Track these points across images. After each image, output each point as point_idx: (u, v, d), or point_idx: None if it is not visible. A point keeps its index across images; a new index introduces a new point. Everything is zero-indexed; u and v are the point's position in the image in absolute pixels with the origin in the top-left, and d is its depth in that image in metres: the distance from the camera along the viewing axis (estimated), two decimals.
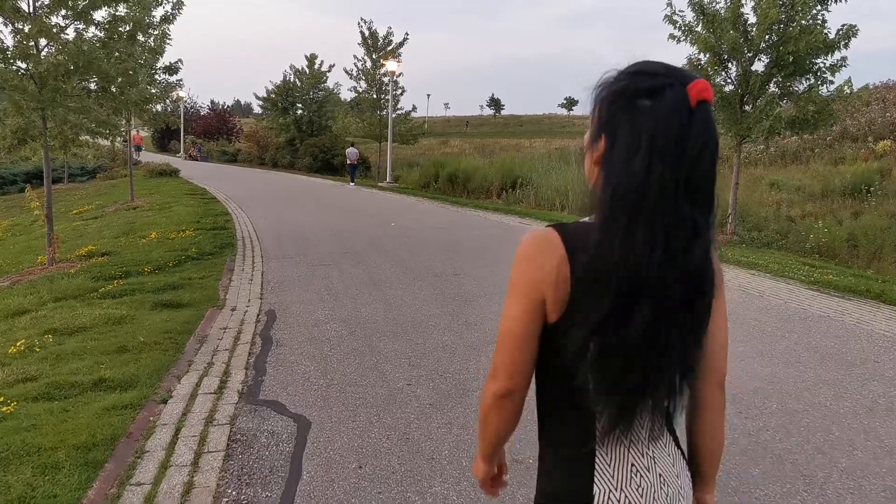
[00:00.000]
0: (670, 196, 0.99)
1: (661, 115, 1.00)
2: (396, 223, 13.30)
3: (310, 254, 9.42)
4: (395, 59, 27.16)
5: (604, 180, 1.04)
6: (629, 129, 1.02)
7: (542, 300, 1.08)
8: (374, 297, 6.66)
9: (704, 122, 1.02)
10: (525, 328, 1.10)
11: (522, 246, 1.11)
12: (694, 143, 1.00)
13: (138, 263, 8.30)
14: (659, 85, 1.02)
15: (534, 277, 1.09)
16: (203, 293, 6.74)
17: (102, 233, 12.32)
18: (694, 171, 1.01)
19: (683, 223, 1.01)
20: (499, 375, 1.14)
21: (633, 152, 1.00)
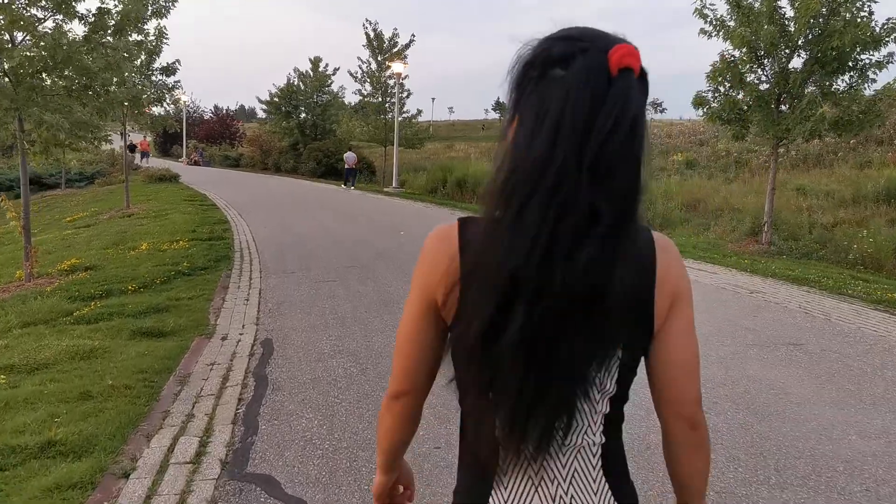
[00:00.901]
0: (570, 180, 0.83)
1: (570, 84, 0.84)
2: (405, 232, 12.45)
3: (313, 268, 8.57)
4: (402, 61, 26.36)
5: (502, 165, 0.87)
6: (536, 104, 0.85)
7: (433, 301, 0.99)
8: (385, 323, 5.80)
9: (624, 92, 0.84)
10: (415, 329, 1.02)
11: (425, 242, 1.02)
12: (605, 116, 0.82)
13: (122, 280, 7.46)
14: (572, 50, 0.85)
15: (426, 276, 1.00)
16: (191, 318, 5.89)
17: (91, 243, 11.49)
18: (603, 150, 0.82)
19: (577, 211, 0.83)
20: (393, 379, 1.07)
21: (537, 130, 0.84)
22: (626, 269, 0.87)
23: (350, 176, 25.74)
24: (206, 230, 12.07)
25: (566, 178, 0.83)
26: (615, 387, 0.97)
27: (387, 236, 11.79)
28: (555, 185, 0.83)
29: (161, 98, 18.03)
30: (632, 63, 0.85)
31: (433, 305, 0.99)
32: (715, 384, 4.35)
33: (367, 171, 30.78)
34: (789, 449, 3.44)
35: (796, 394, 4.25)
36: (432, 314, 1.00)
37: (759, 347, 5.25)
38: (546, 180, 0.83)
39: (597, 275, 0.85)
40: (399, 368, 1.05)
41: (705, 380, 4.39)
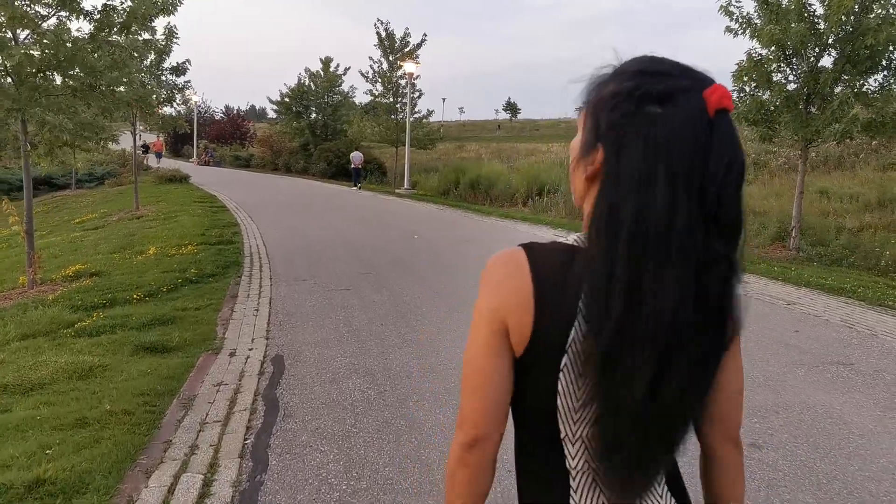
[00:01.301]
0: (698, 229, 0.82)
1: (676, 126, 0.82)
2: (419, 235, 12.11)
3: (325, 275, 8.24)
4: (413, 61, 26.03)
5: (606, 204, 0.85)
6: (638, 144, 0.83)
7: (504, 328, 0.93)
8: (403, 337, 5.45)
9: (729, 135, 0.83)
10: (487, 362, 0.94)
11: (486, 268, 0.97)
12: (718, 162, 0.81)
13: (128, 288, 7.17)
14: (673, 88, 0.84)
15: (494, 303, 0.93)
16: (197, 331, 5.57)
17: (98, 247, 11.23)
18: (721, 199, 0.82)
19: (716, 263, 0.84)
20: (463, 422, 0.96)
21: (648, 175, 0.82)
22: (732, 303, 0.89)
23: (357, 176, 25.73)
24: (215, 234, 11.78)
25: (698, 229, 0.82)
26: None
27: (400, 240, 11.46)
28: (688, 237, 0.81)
29: (171, 98, 17.82)
30: (728, 104, 0.83)
31: (504, 333, 0.93)
32: (767, 411, 3.97)
33: (378, 171, 30.48)
34: (861, 493, 3.07)
35: (857, 424, 3.87)
36: (504, 343, 0.94)
37: (807, 368, 4.86)
38: (678, 231, 0.81)
39: (729, 318, 0.88)
40: (473, 410, 0.95)
41: (757, 406, 4.02)
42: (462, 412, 0.96)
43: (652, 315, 0.82)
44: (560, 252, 0.92)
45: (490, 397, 0.94)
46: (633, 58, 0.91)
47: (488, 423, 0.94)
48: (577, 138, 0.95)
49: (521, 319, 0.91)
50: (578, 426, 0.92)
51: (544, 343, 0.90)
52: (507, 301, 0.92)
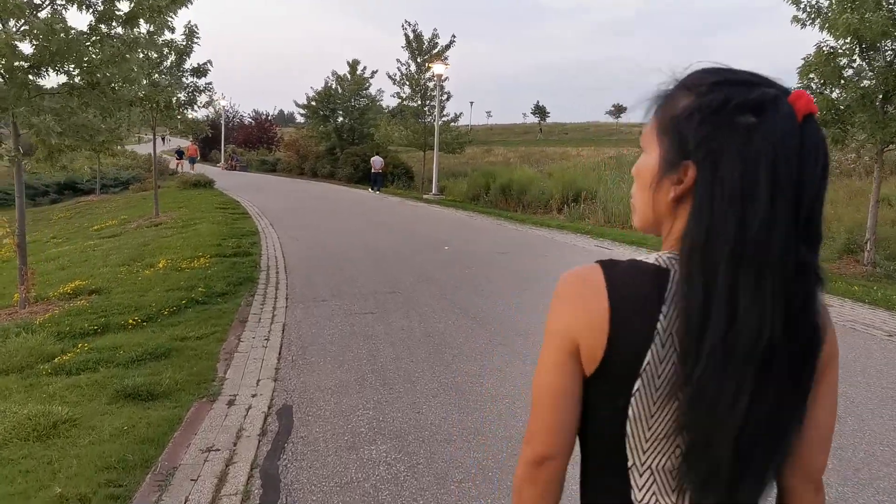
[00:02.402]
0: (792, 240, 0.80)
1: (777, 136, 0.79)
2: (450, 246, 11.19)
3: (347, 294, 7.35)
4: (442, 62, 25.16)
5: (704, 222, 0.81)
6: (735, 156, 0.80)
7: (576, 347, 0.90)
8: (438, 380, 4.51)
9: (821, 140, 0.82)
10: (557, 381, 0.91)
11: (560, 285, 0.93)
12: (811, 170, 0.80)
13: (125, 310, 6.35)
14: (764, 97, 0.80)
15: (567, 321, 0.90)
16: (194, 369, 4.69)
17: (108, 258, 10.51)
18: (814, 206, 0.81)
19: (806, 273, 0.82)
20: (532, 439, 0.94)
21: (752, 187, 0.79)
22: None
23: (377, 180, 25.25)
24: (231, 244, 10.99)
25: (792, 239, 0.80)
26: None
27: (429, 252, 10.54)
28: (785, 249, 0.80)
29: (192, 101, 17.18)
30: (815, 109, 0.81)
31: (575, 352, 0.90)
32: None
33: (405, 176, 29.67)
34: None
35: None
36: (575, 363, 0.90)
37: None
38: (776, 244, 0.80)
39: (817, 331, 0.85)
40: (543, 427, 0.92)
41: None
42: (531, 429, 0.94)
43: (747, 332, 0.80)
44: (640, 272, 0.88)
45: (559, 416, 0.92)
46: (697, 70, 0.88)
47: (557, 441, 0.92)
48: (647, 158, 0.91)
49: (594, 341, 0.88)
50: (648, 456, 0.88)
51: (617, 366, 0.87)
52: (580, 321, 0.89)
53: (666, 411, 0.86)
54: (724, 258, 0.80)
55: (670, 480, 0.88)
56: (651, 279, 0.87)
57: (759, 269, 0.79)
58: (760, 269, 0.79)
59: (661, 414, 0.86)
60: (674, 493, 0.89)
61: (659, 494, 0.89)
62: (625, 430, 0.88)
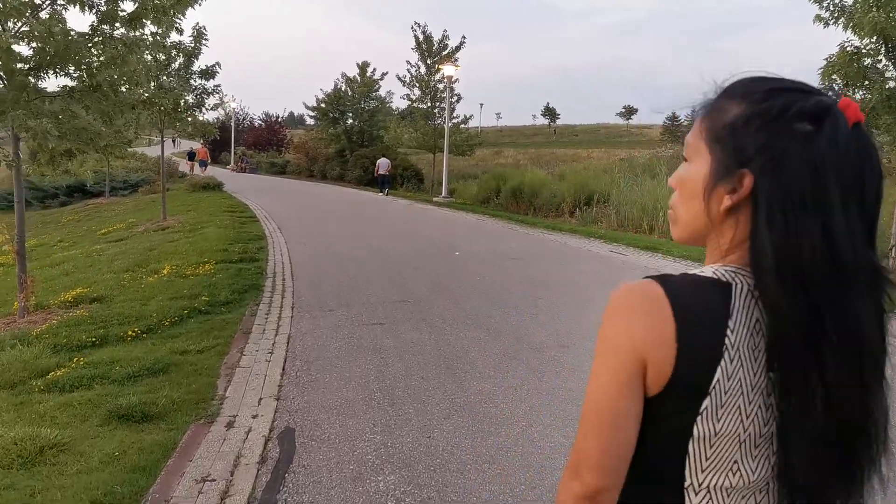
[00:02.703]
0: (868, 246, 0.81)
1: (839, 143, 0.79)
2: (461, 251, 10.93)
3: (355, 303, 7.10)
4: (453, 63, 24.93)
5: (777, 232, 0.79)
6: (799, 164, 0.79)
7: (642, 366, 0.84)
8: (451, 399, 4.25)
9: (872, 147, 0.81)
10: (618, 405, 0.84)
11: (617, 299, 0.86)
12: (871, 175, 0.80)
13: (126, 320, 6.14)
14: (821, 105, 0.80)
15: (633, 338, 0.84)
16: (193, 386, 4.45)
17: (113, 263, 10.33)
18: (875, 211, 0.82)
19: (882, 279, 0.82)
20: (583, 469, 0.85)
21: (822, 194, 0.78)
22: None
23: (384, 182, 25.30)
24: (238, 249, 10.79)
25: (868, 246, 0.80)
26: None
27: (440, 258, 10.29)
28: (864, 256, 0.80)
29: (201, 103, 17.02)
30: (862, 117, 0.81)
31: (641, 371, 0.84)
32: None
33: (414, 179, 29.44)
34: None
35: None
36: (639, 383, 0.85)
37: None
38: (858, 251, 0.79)
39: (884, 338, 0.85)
40: (600, 455, 0.85)
41: None
42: (582, 458, 0.86)
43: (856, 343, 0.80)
44: (700, 286, 0.85)
45: (621, 443, 0.85)
46: (744, 78, 0.87)
47: (615, 471, 0.85)
48: (694, 167, 0.89)
49: (663, 357, 0.83)
50: (707, 475, 0.85)
51: (685, 384, 0.83)
52: (648, 336, 0.83)
53: (732, 429, 0.83)
54: (816, 268, 0.78)
55: (725, 499, 0.86)
56: (713, 293, 0.84)
57: (852, 275, 0.79)
58: (852, 276, 0.79)
59: (726, 432, 0.84)
60: None
61: None
62: (686, 449, 0.85)
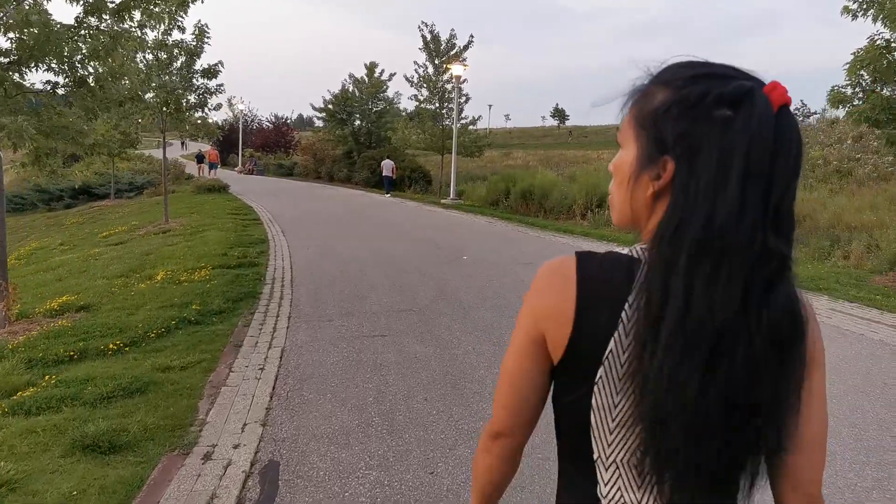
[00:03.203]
0: (759, 228, 0.80)
1: (753, 127, 0.79)
2: (469, 256, 10.47)
3: (357, 312, 6.66)
4: (461, 63, 24.48)
5: (677, 216, 0.82)
6: (713, 150, 0.80)
7: (541, 337, 0.92)
8: (457, 426, 3.79)
9: (796, 131, 0.82)
10: (519, 365, 0.95)
11: (538, 273, 0.95)
12: (785, 159, 0.80)
13: (109, 332, 5.72)
14: (741, 89, 0.81)
15: (535, 309, 0.93)
16: (171, 409, 4.02)
17: (108, 268, 9.94)
18: (785, 195, 0.81)
19: (770, 259, 0.81)
20: (493, 416, 1.00)
21: (724, 179, 0.80)
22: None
23: (388, 184, 25.22)
24: (237, 253, 10.38)
25: (759, 228, 0.80)
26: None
27: (447, 263, 9.83)
28: (750, 237, 0.80)
29: (203, 103, 16.65)
30: (789, 99, 0.82)
31: (541, 341, 0.92)
32: None
33: (422, 181, 29.00)
34: None
35: None
36: (539, 350, 0.93)
37: None
38: (742, 232, 0.80)
39: (791, 318, 0.84)
40: (500, 406, 0.98)
41: None
42: (494, 405, 0.99)
43: (700, 316, 0.80)
44: (614, 262, 0.89)
45: (517, 400, 0.95)
46: (672, 64, 0.87)
47: (513, 422, 0.97)
48: (625, 154, 0.90)
49: (559, 329, 0.89)
50: (613, 448, 0.88)
51: (582, 354, 0.88)
52: (548, 308, 0.90)
53: (628, 401, 0.85)
54: (687, 245, 0.80)
55: (636, 476, 0.87)
56: (623, 269, 0.87)
57: (719, 255, 0.80)
58: (720, 256, 0.80)
59: (624, 403, 0.85)
60: (639, 489, 0.88)
61: (624, 490, 0.89)
62: (589, 420, 0.88)
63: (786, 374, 0.84)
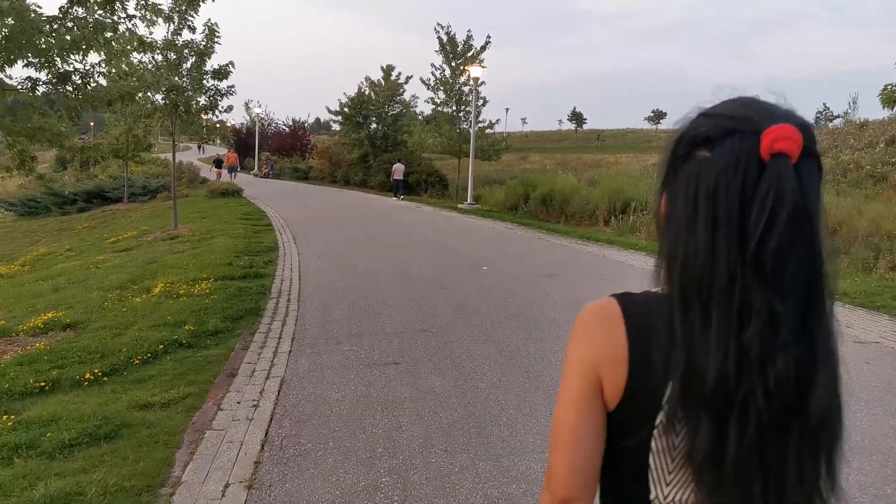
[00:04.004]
0: (739, 278, 0.77)
1: (718, 170, 0.79)
2: (489, 265, 9.78)
3: (367, 333, 6.00)
4: (479, 65, 23.80)
5: (662, 247, 0.86)
6: (685, 187, 0.82)
7: (598, 382, 0.89)
8: (485, 493, 3.09)
9: (775, 182, 0.76)
10: (581, 417, 0.89)
11: (579, 319, 0.93)
12: (759, 208, 0.76)
13: (90, 357, 5.10)
14: (720, 131, 0.80)
15: (588, 355, 0.90)
16: (141, 464, 3.36)
17: (108, 278, 9.37)
18: (763, 246, 0.76)
19: (758, 313, 0.76)
20: (552, 482, 0.90)
21: (691, 217, 0.80)
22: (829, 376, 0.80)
23: (399, 187, 24.85)
24: (244, 262, 9.77)
25: (735, 277, 0.77)
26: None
27: (466, 274, 9.14)
28: (727, 284, 0.77)
29: (214, 105, 16.12)
30: (786, 148, 0.76)
31: (597, 388, 0.89)
32: None
33: (439, 185, 28.36)
34: None
35: None
36: (597, 397, 0.89)
37: None
38: (717, 278, 0.78)
39: (796, 384, 0.78)
40: (564, 470, 0.89)
41: None
42: (551, 471, 0.91)
43: (701, 370, 0.78)
44: (653, 302, 0.88)
45: (582, 456, 0.89)
46: (724, 100, 0.85)
47: (579, 483, 0.89)
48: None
49: (616, 372, 0.88)
50: (671, 489, 0.87)
51: (639, 398, 0.86)
52: (601, 353, 0.89)
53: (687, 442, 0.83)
54: (676, 290, 0.81)
55: None
56: (664, 308, 0.84)
57: (706, 300, 0.78)
58: (707, 301, 0.78)
59: (682, 445, 0.83)
60: None
61: None
62: (648, 463, 0.86)
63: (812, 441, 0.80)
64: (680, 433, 0.82)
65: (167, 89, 14.75)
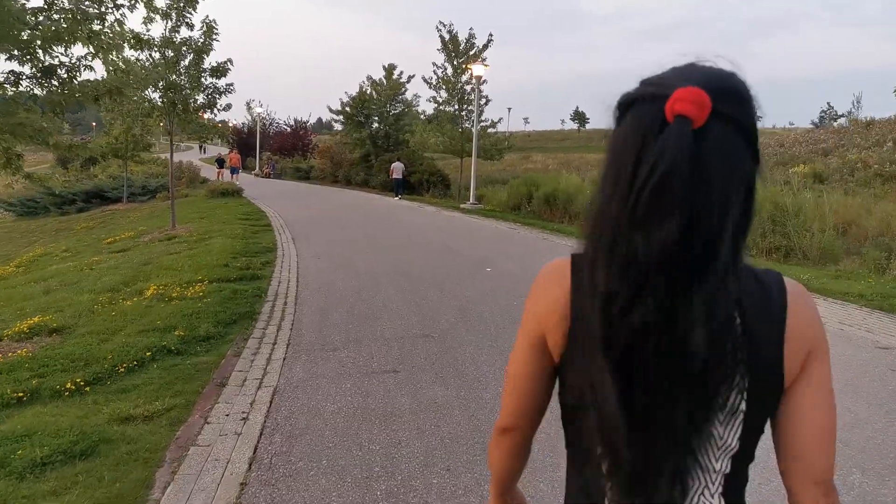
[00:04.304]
0: (624, 231, 0.80)
1: (627, 132, 0.82)
2: (493, 267, 9.52)
3: (366, 338, 5.73)
4: (481, 63, 23.53)
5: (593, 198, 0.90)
6: (607, 148, 0.87)
7: (542, 337, 0.95)
8: None
9: (665, 139, 0.77)
10: (524, 368, 0.99)
11: (538, 275, 0.99)
12: (645, 167, 0.78)
13: (73, 364, 4.83)
14: (641, 95, 0.83)
15: (536, 311, 0.96)
16: (117, 485, 3.09)
17: (101, 280, 9.12)
18: (639, 201, 0.78)
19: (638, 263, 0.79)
20: (501, 412, 1.06)
21: (602, 176, 0.86)
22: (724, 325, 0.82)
23: (398, 186, 24.83)
24: (241, 264, 9.51)
25: (620, 229, 0.80)
26: (738, 444, 0.89)
27: (469, 275, 8.87)
28: (613, 236, 0.81)
29: (213, 103, 15.86)
30: (684, 110, 0.77)
31: (542, 341, 0.95)
32: None
33: (441, 184, 28.10)
34: None
35: None
36: (541, 350, 0.96)
37: None
38: (607, 229, 0.82)
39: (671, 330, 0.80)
40: (507, 404, 1.04)
41: None
42: (502, 403, 1.04)
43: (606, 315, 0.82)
44: None
45: (522, 399, 1.00)
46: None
47: (518, 418, 1.03)
48: None
49: (557, 327, 0.91)
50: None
51: (581, 352, 0.88)
52: (548, 308, 0.93)
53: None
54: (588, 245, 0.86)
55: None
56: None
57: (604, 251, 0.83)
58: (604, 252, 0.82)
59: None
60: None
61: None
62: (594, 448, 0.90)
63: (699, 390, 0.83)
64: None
65: (164, 87, 14.51)
